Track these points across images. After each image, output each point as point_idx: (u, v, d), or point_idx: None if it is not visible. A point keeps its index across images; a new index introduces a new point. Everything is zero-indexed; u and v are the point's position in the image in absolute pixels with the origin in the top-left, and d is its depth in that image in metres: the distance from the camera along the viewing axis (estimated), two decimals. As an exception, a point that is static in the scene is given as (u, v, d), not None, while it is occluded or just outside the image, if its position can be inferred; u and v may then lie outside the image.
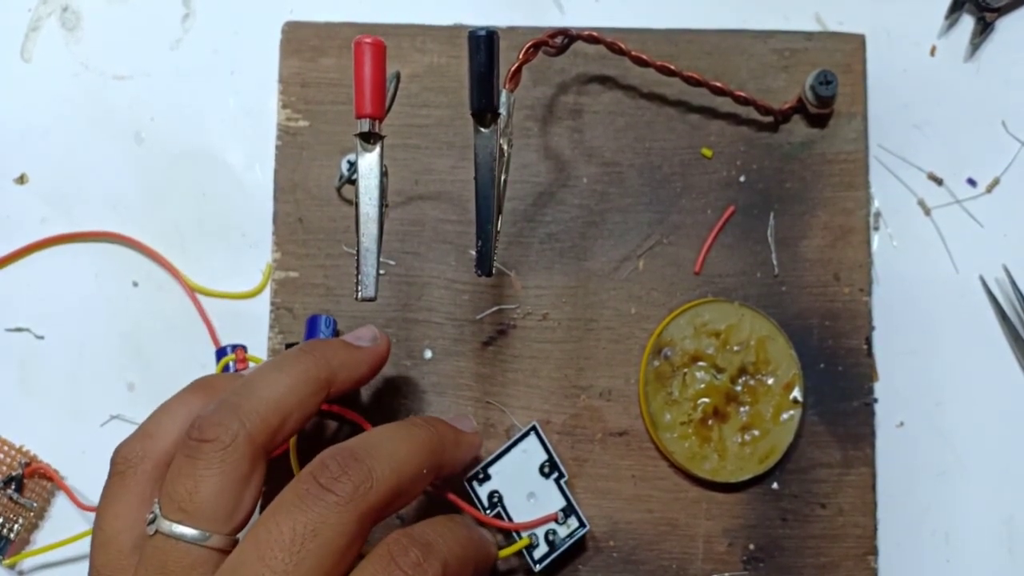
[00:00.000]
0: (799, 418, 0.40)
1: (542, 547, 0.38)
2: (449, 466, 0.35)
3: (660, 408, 0.40)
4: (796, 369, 0.40)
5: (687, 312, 0.41)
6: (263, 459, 0.32)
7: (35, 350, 0.44)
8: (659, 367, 0.41)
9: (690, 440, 0.40)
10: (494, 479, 0.39)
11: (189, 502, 0.30)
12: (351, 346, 0.36)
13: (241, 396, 0.32)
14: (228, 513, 0.30)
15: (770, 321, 0.41)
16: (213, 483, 0.30)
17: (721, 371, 0.41)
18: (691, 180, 0.43)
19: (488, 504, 0.39)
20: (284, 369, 0.33)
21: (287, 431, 0.32)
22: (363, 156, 0.34)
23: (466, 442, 0.37)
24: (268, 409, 0.32)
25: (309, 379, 0.33)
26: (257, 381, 0.32)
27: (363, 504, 0.30)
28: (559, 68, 0.43)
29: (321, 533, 0.29)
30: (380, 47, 0.33)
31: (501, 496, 0.39)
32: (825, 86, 0.41)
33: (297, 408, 0.32)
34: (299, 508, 0.29)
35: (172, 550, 0.29)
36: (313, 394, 0.33)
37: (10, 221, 0.44)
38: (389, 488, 0.31)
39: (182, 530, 0.29)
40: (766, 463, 0.40)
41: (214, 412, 0.31)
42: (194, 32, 0.46)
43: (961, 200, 0.44)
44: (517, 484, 0.39)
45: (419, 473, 0.33)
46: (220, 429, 0.30)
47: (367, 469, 0.30)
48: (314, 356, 0.34)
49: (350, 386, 0.35)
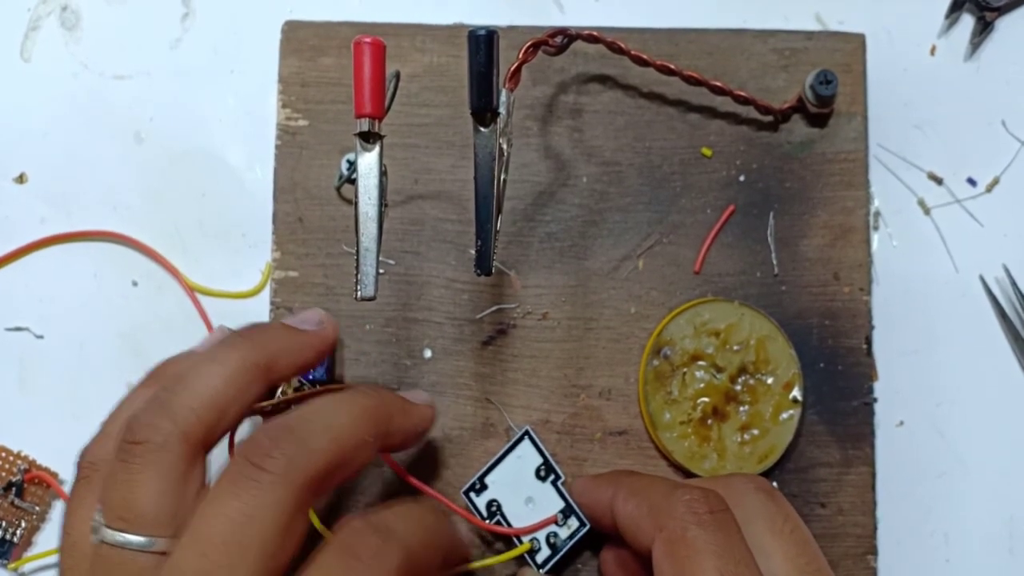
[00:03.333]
0: (799, 418, 0.40)
1: (544, 550, 0.38)
2: (398, 435, 0.34)
3: (659, 407, 0.40)
4: (796, 368, 0.40)
5: (687, 311, 0.41)
6: (202, 455, 0.30)
7: (35, 350, 0.44)
8: (659, 366, 0.41)
9: (689, 439, 0.40)
10: (491, 488, 0.39)
11: (127, 509, 0.28)
12: (293, 330, 0.34)
13: (173, 392, 0.30)
14: (170, 515, 0.29)
15: (770, 320, 0.41)
16: (149, 486, 0.29)
17: (721, 370, 0.41)
18: (691, 179, 0.43)
19: (487, 514, 0.39)
20: (219, 359, 0.31)
21: (226, 424, 0.31)
22: (363, 155, 0.34)
23: (416, 412, 0.35)
24: (203, 404, 0.30)
25: (247, 368, 0.31)
26: (190, 374, 0.31)
27: (300, 477, 0.28)
28: (559, 67, 0.43)
29: (258, 517, 0.27)
30: (380, 46, 0.33)
31: (500, 504, 0.39)
32: (825, 86, 0.41)
33: (235, 400, 0.31)
34: (233, 494, 0.28)
35: (117, 558, 0.28)
36: (251, 383, 0.32)
37: (10, 221, 0.44)
38: (327, 459, 0.29)
39: (124, 538, 0.28)
40: (765, 463, 0.40)
41: (144, 411, 0.30)
42: (194, 32, 0.46)
43: (961, 200, 0.44)
44: (514, 491, 0.39)
45: (361, 441, 0.31)
46: (151, 430, 0.29)
47: (301, 440, 0.29)
48: (252, 342, 0.32)
49: (293, 372, 0.34)
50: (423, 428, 0.36)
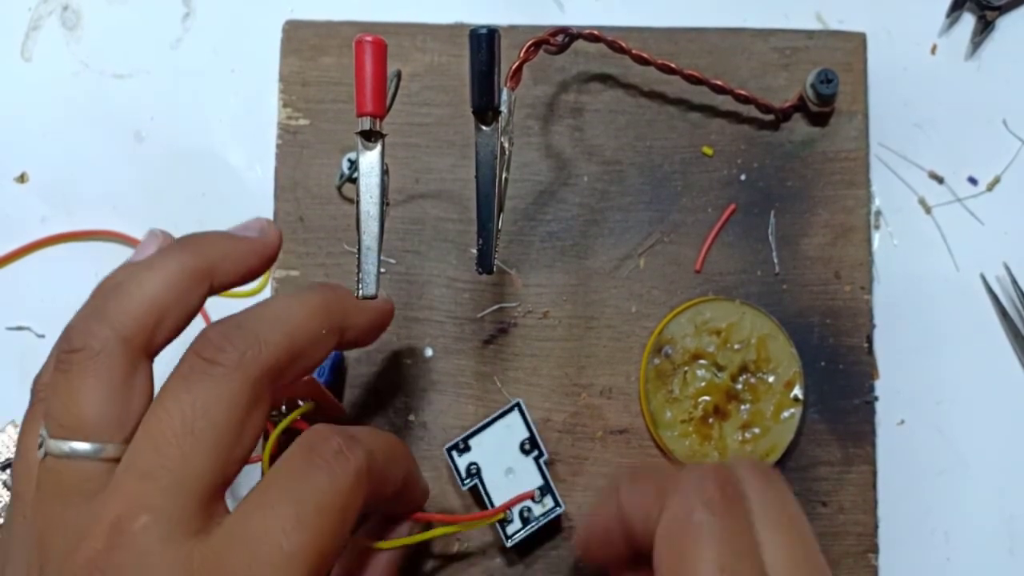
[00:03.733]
0: (800, 416, 0.40)
1: (516, 523, 0.38)
2: (354, 330, 0.34)
3: (661, 406, 0.40)
4: (797, 367, 0.40)
5: (688, 310, 0.41)
6: (145, 359, 0.30)
7: (36, 349, 0.44)
8: (660, 365, 0.41)
9: (691, 438, 0.40)
10: (474, 451, 0.39)
11: (69, 416, 0.28)
12: (234, 237, 0.34)
13: (107, 299, 0.30)
14: (115, 420, 0.28)
15: (771, 319, 0.41)
16: (91, 393, 0.28)
17: (722, 369, 0.41)
18: (692, 178, 0.43)
19: (466, 474, 0.39)
20: (155, 266, 0.31)
21: (168, 328, 0.30)
22: (364, 154, 0.34)
23: (372, 307, 0.35)
24: (140, 308, 0.29)
25: (184, 272, 0.31)
26: (126, 282, 0.30)
27: (253, 369, 0.28)
28: (560, 66, 0.43)
29: (212, 409, 0.27)
30: (381, 45, 0.33)
31: (480, 468, 0.39)
32: (826, 84, 0.41)
33: (175, 303, 0.30)
34: (185, 388, 0.27)
35: (64, 469, 0.27)
36: (192, 287, 0.31)
37: (10, 220, 0.44)
38: (281, 350, 0.29)
39: (69, 447, 0.27)
40: (766, 461, 0.40)
41: (81, 319, 0.29)
42: (194, 31, 0.46)
43: (962, 198, 0.44)
44: (496, 458, 0.39)
45: (316, 334, 0.31)
46: (88, 336, 0.28)
47: (252, 334, 0.29)
48: (190, 249, 0.32)
49: (236, 279, 0.33)
50: (380, 323, 0.36)
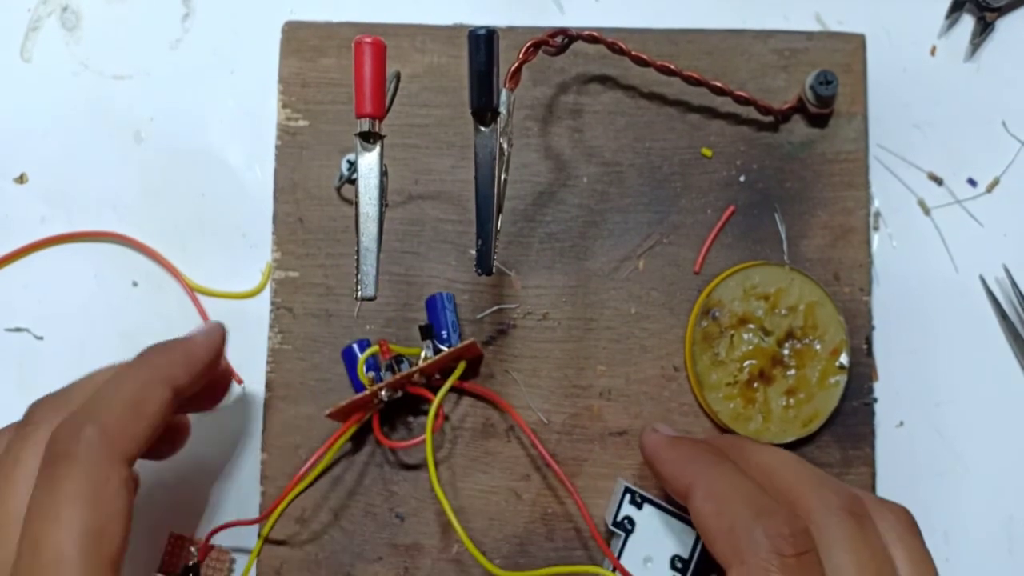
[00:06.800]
0: (844, 384, 0.40)
1: None
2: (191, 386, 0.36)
3: (706, 368, 0.40)
4: (843, 335, 0.40)
5: (736, 274, 0.41)
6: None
7: (35, 350, 0.44)
8: (707, 327, 0.41)
9: (735, 401, 0.40)
10: (643, 511, 0.38)
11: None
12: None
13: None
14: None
15: (819, 287, 0.41)
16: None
17: (768, 334, 0.40)
18: (691, 180, 0.43)
19: (617, 522, 0.38)
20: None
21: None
22: (363, 156, 0.34)
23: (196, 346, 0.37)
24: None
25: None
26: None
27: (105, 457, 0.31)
28: (559, 68, 0.43)
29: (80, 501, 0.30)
30: (380, 47, 0.33)
31: (628, 533, 0.38)
32: (825, 86, 0.41)
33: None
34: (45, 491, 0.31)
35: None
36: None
37: (10, 221, 0.44)
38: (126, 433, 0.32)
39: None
40: (810, 426, 0.40)
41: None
42: (194, 32, 0.46)
43: (961, 200, 0.44)
44: (648, 545, 0.37)
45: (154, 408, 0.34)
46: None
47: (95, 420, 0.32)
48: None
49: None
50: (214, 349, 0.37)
